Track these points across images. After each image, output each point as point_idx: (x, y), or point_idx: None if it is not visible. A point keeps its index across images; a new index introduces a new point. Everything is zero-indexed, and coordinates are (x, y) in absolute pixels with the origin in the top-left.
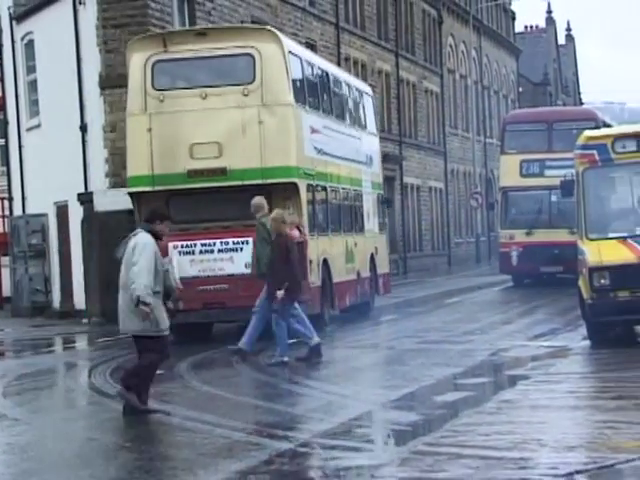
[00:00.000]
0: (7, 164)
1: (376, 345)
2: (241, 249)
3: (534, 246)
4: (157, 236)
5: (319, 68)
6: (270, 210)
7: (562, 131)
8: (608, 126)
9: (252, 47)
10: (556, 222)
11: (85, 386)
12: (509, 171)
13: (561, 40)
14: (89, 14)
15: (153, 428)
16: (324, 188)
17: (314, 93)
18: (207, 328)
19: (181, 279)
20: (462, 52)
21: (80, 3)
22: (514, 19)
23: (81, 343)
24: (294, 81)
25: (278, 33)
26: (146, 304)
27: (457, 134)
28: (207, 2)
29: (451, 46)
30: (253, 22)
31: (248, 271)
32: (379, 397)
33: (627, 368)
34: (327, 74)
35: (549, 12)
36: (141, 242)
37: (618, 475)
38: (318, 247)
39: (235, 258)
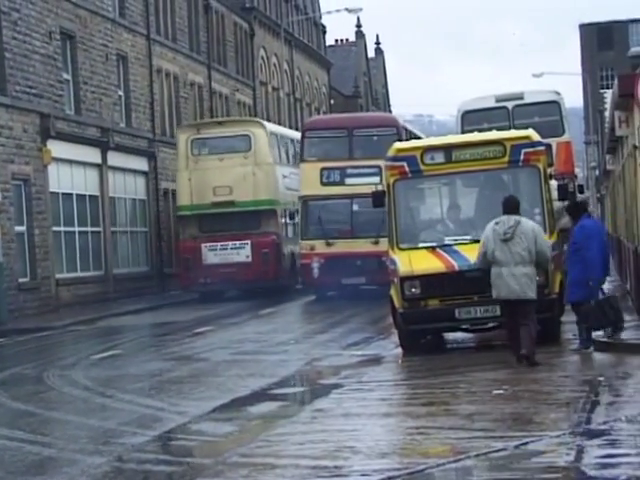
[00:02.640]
0: None
1: (190, 357)
2: (243, 247)
3: (335, 257)
4: None
5: (288, 137)
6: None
7: (362, 138)
8: (411, 133)
9: (249, 130)
10: (358, 232)
11: None
12: (309, 179)
13: (371, 54)
14: None
15: None
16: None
17: (285, 153)
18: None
19: (208, 265)
20: (274, 65)
21: None
22: (325, 32)
23: None
24: (272, 149)
25: (264, 122)
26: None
27: None
28: (13, 12)
29: (263, 58)
30: (62, 33)
31: (248, 260)
32: (194, 409)
33: (437, 375)
34: (292, 140)
35: (358, 26)
36: (537, 227)
37: (429, 479)
38: (288, 246)
39: (240, 252)
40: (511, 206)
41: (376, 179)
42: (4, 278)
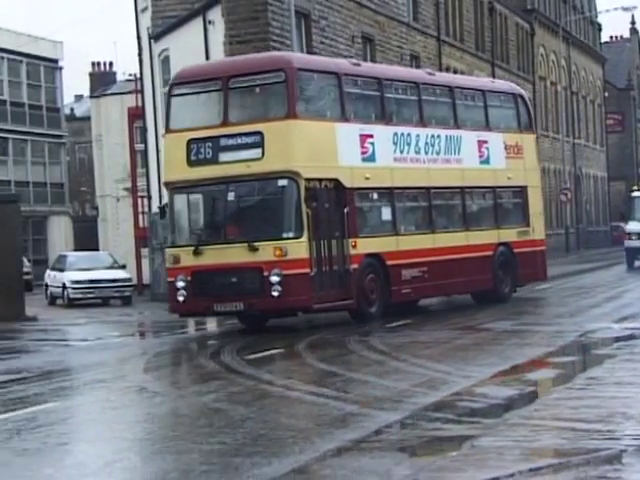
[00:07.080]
0: (146, 166)
1: (473, 327)
2: None
3: (205, 272)
4: None
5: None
6: None
7: (241, 91)
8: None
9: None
10: (233, 235)
11: (215, 363)
12: (174, 158)
13: None
14: (217, 32)
15: (275, 401)
16: None
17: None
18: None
19: None
20: (552, 61)
21: (209, 23)
22: (600, 30)
23: (211, 325)
24: None
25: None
26: None
27: (548, 136)
28: (322, 20)
29: (542, 56)
30: (363, 37)
31: None
32: (477, 374)
33: None
34: None
35: (632, 23)
36: None
37: None
38: None
39: None
40: None
41: (257, 152)
42: None
